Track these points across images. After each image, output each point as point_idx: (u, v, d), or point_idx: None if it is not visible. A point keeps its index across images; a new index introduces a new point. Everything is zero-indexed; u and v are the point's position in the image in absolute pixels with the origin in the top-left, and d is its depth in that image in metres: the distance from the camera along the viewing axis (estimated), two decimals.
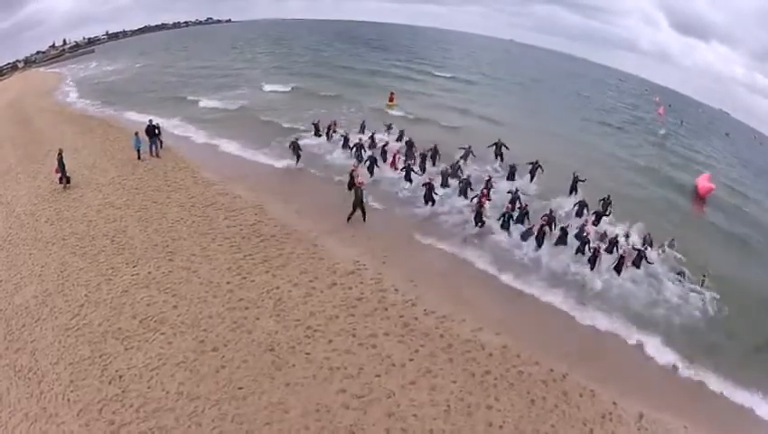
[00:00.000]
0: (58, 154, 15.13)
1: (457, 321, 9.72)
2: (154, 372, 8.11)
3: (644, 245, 13.38)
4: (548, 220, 13.39)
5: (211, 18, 78.89)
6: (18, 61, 50.05)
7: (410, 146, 18.61)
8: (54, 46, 55.84)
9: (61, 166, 15.06)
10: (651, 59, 77.92)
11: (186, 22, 75.42)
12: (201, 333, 9.00)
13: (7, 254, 11.69)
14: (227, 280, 10.61)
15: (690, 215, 18.43)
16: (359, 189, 13.55)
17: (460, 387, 8.12)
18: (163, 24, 71.44)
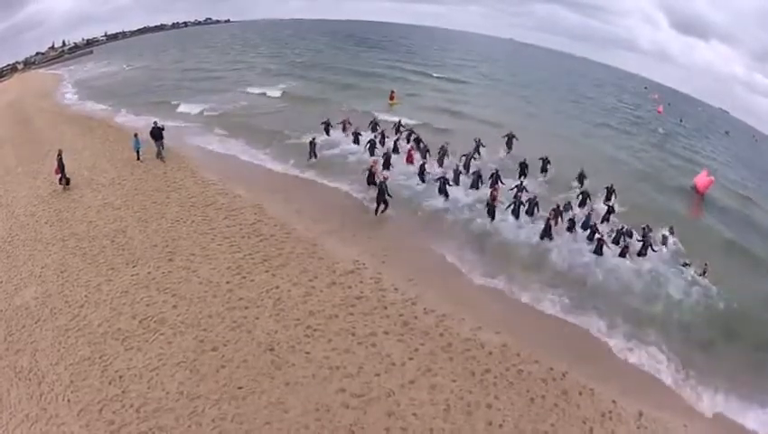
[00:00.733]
0: (58, 154, 15.13)
1: (457, 320, 9.72)
2: (154, 372, 8.12)
3: (645, 233, 13.78)
4: (556, 213, 13.96)
5: (210, 18, 78.83)
6: (18, 62, 50.03)
7: (418, 142, 19.15)
8: (53, 47, 55.82)
9: (61, 167, 15.06)
10: (651, 58, 78.13)
11: (185, 22, 75.33)
12: (201, 332, 9.01)
13: (7, 255, 11.71)
14: (226, 280, 10.62)
15: (688, 219, 18.25)
16: (383, 183, 13.89)
17: (460, 386, 8.13)
18: (162, 25, 71.31)
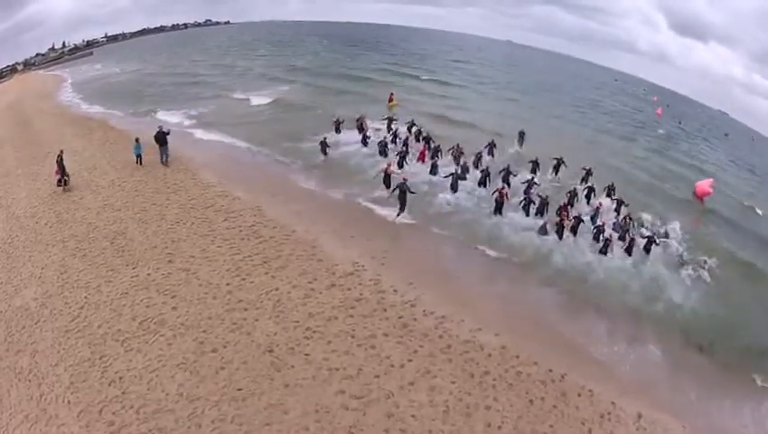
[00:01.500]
0: (58, 155, 15.17)
1: (456, 321, 9.74)
2: (154, 373, 8.13)
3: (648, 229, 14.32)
4: (563, 209, 14.34)
5: (210, 20, 79.10)
6: (18, 63, 50.15)
7: (428, 141, 19.28)
8: (54, 48, 55.96)
9: (61, 168, 15.09)
10: (650, 59, 78.65)
11: (185, 24, 75.57)
12: (201, 334, 9.03)
13: (7, 256, 11.72)
14: (226, 282, 10.63)
15: (689, 224, 18.22)
16: (404, 184, 13.95)
17: (459, 387, 8.14)
18: (162, 27, 71.54)
